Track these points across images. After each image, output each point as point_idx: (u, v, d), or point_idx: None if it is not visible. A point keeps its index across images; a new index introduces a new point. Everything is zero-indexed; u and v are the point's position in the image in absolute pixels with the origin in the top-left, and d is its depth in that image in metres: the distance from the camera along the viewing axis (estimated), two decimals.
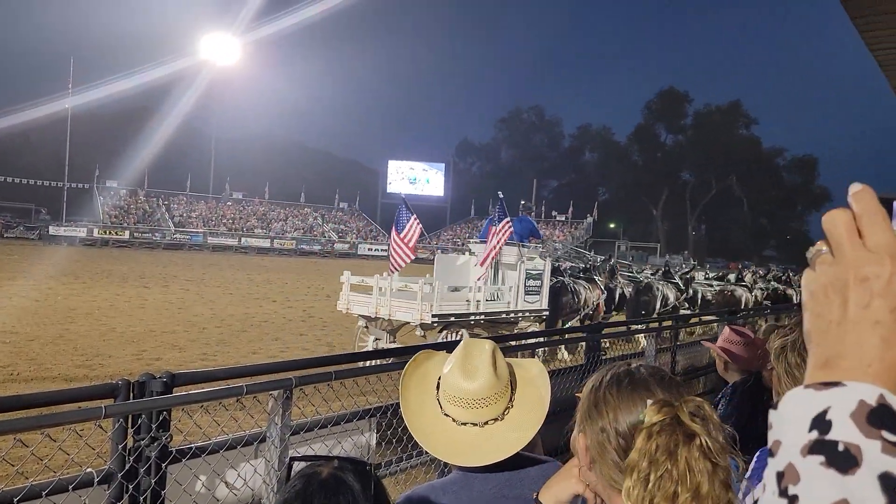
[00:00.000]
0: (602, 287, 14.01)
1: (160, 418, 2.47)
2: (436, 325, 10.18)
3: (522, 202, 13.26)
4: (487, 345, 1.67)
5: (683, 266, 30.04)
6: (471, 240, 15.51)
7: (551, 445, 2.49)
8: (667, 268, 20.01)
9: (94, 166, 53.86)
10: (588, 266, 16.93)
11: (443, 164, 76.74)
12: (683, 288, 17.70)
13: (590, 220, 62.58)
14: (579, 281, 13.63)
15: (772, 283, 23.63)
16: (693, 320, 12.82)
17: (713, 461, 1.01)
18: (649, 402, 1.09)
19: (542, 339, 9.74)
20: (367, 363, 4.12)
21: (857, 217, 0.54)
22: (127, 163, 56.30)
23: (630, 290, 15.62)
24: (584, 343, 5.91)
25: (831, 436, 0.48)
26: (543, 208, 67.62)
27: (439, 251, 14.56)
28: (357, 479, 1.27)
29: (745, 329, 3.45)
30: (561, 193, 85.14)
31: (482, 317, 10.84)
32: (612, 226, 78.84)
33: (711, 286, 20.16)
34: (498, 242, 10.67)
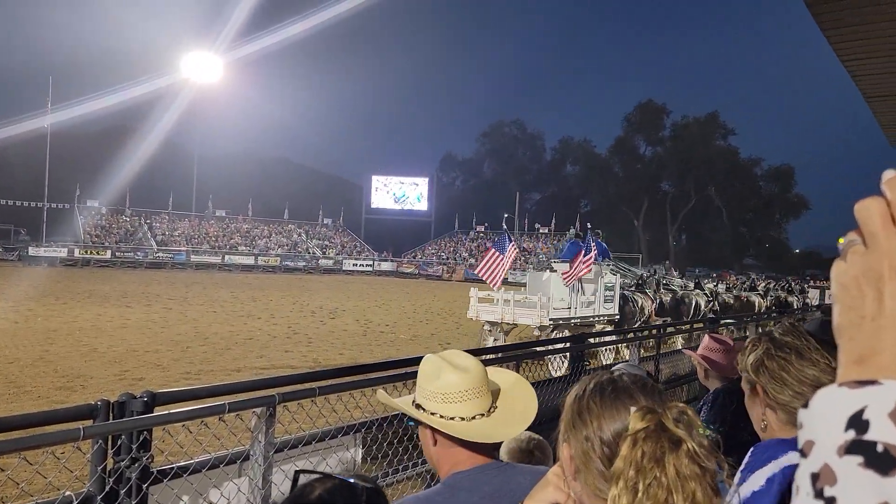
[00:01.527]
0: (652, 297, 17.75)
1: (141, 438, 2.45)
2: (549, 325, 13.57)
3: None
4: (463, 352, 1.75)
5: (687, 276, 35.66)
6: (553, 260, 19.04)
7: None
8: (697, 280, 25.02)
9: (75, 185, 53.32)
10: (639, 280, 20.97)
11: (426, 179, 76.86)
12: (711, 297, 21.22)
13: (572, 231, 62.71)
14: (636, 293, 17.48)
15: (778, 290, 28.06)
16: (670, 329, 13.11)
17: (701, 465, 1.01)
18: (633, 409, 1.09)
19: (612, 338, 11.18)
20: (352, 378, 4.10)
21: (891, 205, 0.51)
22: (108, 182, 55.77)
23: (668, 299, 18.86)
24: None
25: (869, 436, 0.46)
26: (526, 221, 67.85)
27: (531, 268, 18.92)
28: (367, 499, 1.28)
29: (725, 337, 3.49)
30: (543, 206, 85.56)
31: (578, 319, 14.37)
32: None
33: (730, 293, 24.15)
34: (585, 265, 13.73)
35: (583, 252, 13.86)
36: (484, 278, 13.51)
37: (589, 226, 17.55)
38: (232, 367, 11.79)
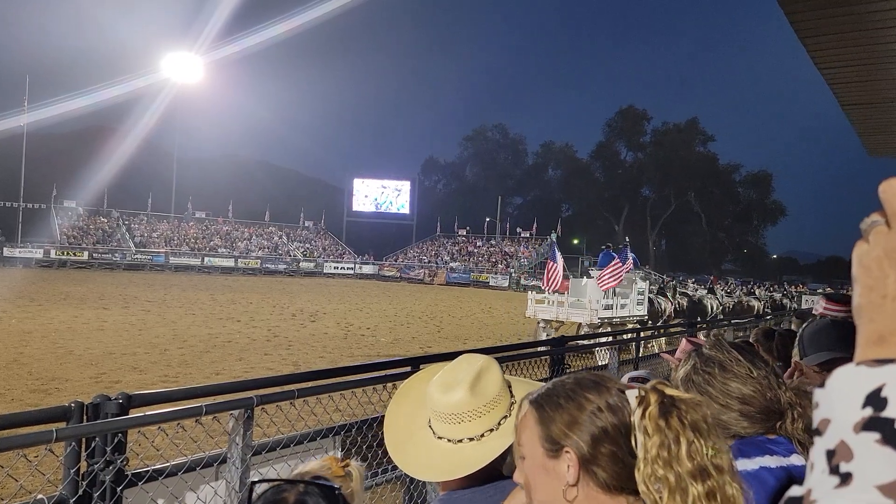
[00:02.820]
0: (671, 300, 20.85)
1: (115, 441, 2.41)
2: (598, 323, 16.26)
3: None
4: (480, 362, 1.63)
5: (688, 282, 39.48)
6: (590, 268, 22.81)
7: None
8: (711, 286, 28.14)
9: (52, 186, 52.55)
10: (661, 285, 24.55)
11: (408, 182, 76.74)
12: (721, 301, 23.97)
13: (554, 236, 62.97)
14: (658, 296, 20.36)
15: (773, 294, 32.51)
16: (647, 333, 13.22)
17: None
18: (631, 394, 1.08)
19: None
20: (331, 381, 4.08)
21: None
22: (86, 182, 55.07)
23: (684, 302, 21.74)
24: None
25: (887, 413, 0.47)
26: (508, 225, 67.96)
27: (571, 277, 22.41)
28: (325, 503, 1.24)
29: (702, 341, 3.50)
30: (525, 210, 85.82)
31: (618, 318, 17.24)
32: (575, 241, 79.59)
33: (731, 298, 27.08)
34: (618, 274, 16.39)
35: (617, 261, 16.63)
36: (548, 286, 16.81)
37: (627, 239, 20.47)
38: (211, 371, 11.67)
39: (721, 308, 23.26)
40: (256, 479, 1.31)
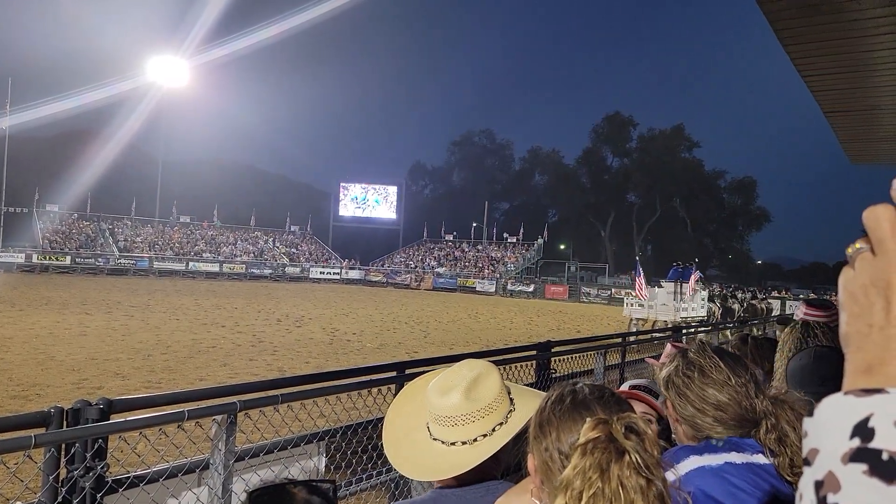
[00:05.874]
0: (718, 305, 26.69)
1: (96, 447, 2.38)
2: (679, 322, 21.21)
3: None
4: (479, 368, 1.67)
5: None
6: (660, 280, 27.85)
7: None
8: (732, 292, 35.52)
9: (34, 189, 52.01)
10: (711, 292, 29.24)
11: (395, 187, 76.67)
12: (742, 305, 29.83)
13: (540, 241, 63.19)
14: (709, 301, 26.10)
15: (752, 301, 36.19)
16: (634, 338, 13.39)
17: (646, 477, 1.00)
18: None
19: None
20: (316, 386, 4.05)
21: None
22: (68, 186, 54.53)
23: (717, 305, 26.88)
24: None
25: (875, 444, 0.46)
26: (495, 230, 68.10)
27: (654, 286, 26.86)
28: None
29: (685, 346, 3.53)
30: (512, 215, 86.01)
31: (690, 318, 22.82)
32: (562, 247, 79.88)
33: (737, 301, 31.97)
34: (692, 283, 23.80)
35: (688, 275, 23.72)
36: (638, 292, 24.09)
37: (696, 260, 28.59)
38: (195, 376, 11.57)
39: (742, 310, 28.59)
40: (253, 490, 1.29)
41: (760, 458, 1.58)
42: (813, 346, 2.34)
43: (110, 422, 2.43)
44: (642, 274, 24.16)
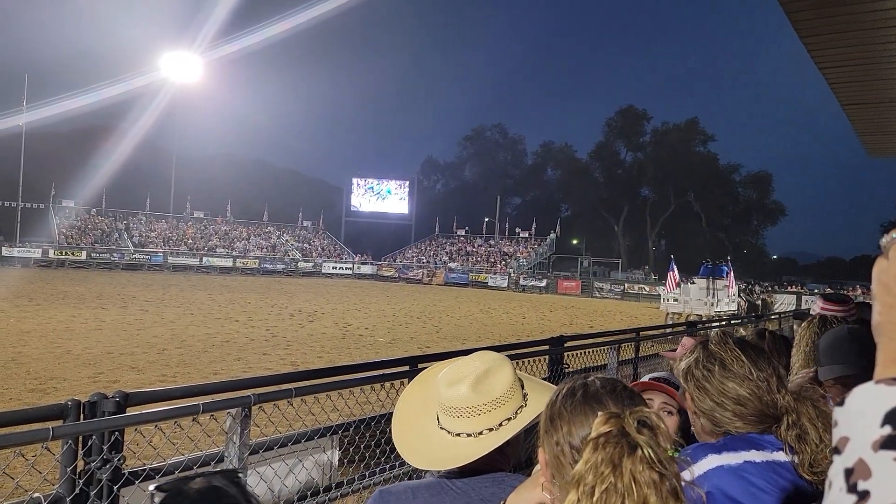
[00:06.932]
0: (745, 300, 28.78)
1: (112, 439, 2.39)
2: (713, 315, 22.36)
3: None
4: (491, 361, 1.64)
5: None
6: (692, 277, 28.35)
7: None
8: (752, 286, 36.56)
9: (50, 185, 52.52)
10: (740, 288, 30.13)
11: (407, 182, 76.68)
12: (763, 299, 32.73)
13: (553, 236, 63.02)
14: (739, 296, 27.70)
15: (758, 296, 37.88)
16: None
17: (659, 472, 0.99)
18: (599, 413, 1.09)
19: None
20: (329, 380, 4.06)
21: None
22: (84, 182, 55.02)
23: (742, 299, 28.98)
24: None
25: None
26: (507, 225, 67.94)
27: (687, 282, 28.08)
28: (234, 487, 1.18)
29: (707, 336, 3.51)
30: (524, 210, 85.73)
31: (724, 312, 24.39)
32: (574, 242, 79.58)
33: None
34: (732, 281, 26.10)
35: (720, 272, 25.68)
36: (669, 285, 26.25)
37: (729, 258, 29.70)
38: (209, 370, 11.66)
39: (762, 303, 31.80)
40: (154, 486, 1.22)
41: (780, 456, 1.55)
42: (842, 324, 2.30)
43: (126, 414, 2.45)
44: (675, 269, 25.90)
